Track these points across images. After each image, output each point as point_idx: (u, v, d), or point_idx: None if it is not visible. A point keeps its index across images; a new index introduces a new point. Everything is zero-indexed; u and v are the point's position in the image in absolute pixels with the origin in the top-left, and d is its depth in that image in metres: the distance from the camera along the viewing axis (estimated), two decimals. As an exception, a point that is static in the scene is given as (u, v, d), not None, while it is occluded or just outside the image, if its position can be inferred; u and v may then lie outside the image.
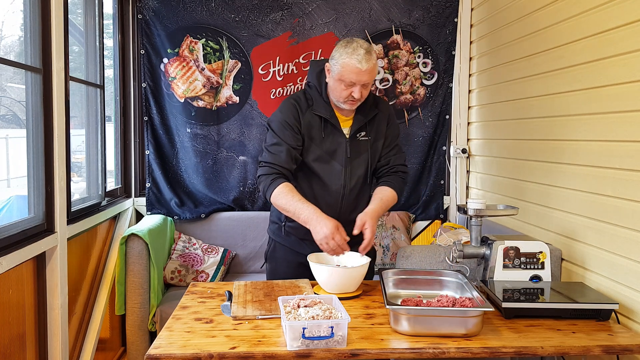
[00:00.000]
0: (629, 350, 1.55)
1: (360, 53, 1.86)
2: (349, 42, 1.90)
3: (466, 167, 3.48)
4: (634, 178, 1.85)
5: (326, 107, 2.02)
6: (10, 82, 2.33)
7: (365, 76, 1.88)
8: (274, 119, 2.03)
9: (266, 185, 1.95)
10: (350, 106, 1.97)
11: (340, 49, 1.90)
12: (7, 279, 1.87)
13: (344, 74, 1.88)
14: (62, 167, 2.20)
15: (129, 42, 3.28)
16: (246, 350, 1.46)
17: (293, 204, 1.88)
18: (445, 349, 1.49)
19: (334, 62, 1.91)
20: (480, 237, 2.08)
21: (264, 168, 1.99)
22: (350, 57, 1.86)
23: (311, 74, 2.08)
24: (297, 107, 2.02)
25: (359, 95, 1.91)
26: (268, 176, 1.96)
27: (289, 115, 2.00)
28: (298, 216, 1.88)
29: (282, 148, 1.97)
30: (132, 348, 2.83)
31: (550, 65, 2.40)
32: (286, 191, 1.91)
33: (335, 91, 1.95)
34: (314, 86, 2.06)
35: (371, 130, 2.06)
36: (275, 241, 2.19)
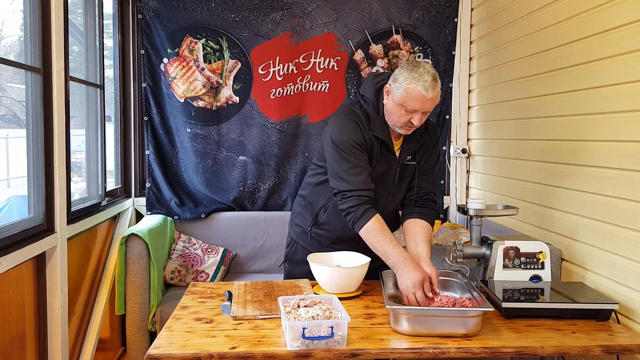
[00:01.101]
0: (629, 350, 1.55)
1: (427, 80, 1.76)
2: (415, 67, 1.79)
3: (466, 167, 3.48)
4: (634, 178, 1.85)
5: (383, 128, 1.92)
6: (10, 82, 2.33)
7: (429, 104, 1.79)
8: (340, 139, 1.89)
9: (357, 217, 1.83)
10: (406, 132, 1.89)
11: (406, 73, 1.80)
12: (7, 279, 1.87)
13: (407, 100, 1.79)
14: (62, 167, 2.20)
15: (129, 42, 3.28)
16: (246, 350, 1.46)
17: (384, 245, 1.80)
18: (445, 349, 1.49)
19: (397, 85, 1.81)
20: (480, 237, 2.08)
21: (352, 199, 1.85)
22: (416, 84, 1.76)
23: (368, 88, 1.95)
24: (359, 124, 1.90)
25: (419, 123, 1.83)
26: (359, 206, 1.83)
27: (357, 135, 1.88)
28: (387, 258, 1.80)
29: (360, 170, 1.86)
30: (132, 348, 2.83)
31: (550, 65, 2.40)
32: (378, 229, 1.81)
33: (393, 115, 1.86)
34: (370, 102, 1.94)
35: (418, 155, 2.00)
36: (298, 243, 2.16)
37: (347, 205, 1.85)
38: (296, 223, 2.18)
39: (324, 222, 2.06)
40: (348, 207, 1.85)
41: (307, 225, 2.11)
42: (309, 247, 2.12)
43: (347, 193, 1.86)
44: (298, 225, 2.16)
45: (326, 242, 2.09)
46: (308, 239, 2.12)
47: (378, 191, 1.95)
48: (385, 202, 2.01)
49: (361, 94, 2.00)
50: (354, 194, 1.85)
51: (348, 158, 1.87)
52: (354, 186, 1.85)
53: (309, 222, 2.10)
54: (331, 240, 2.08)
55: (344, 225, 1.95)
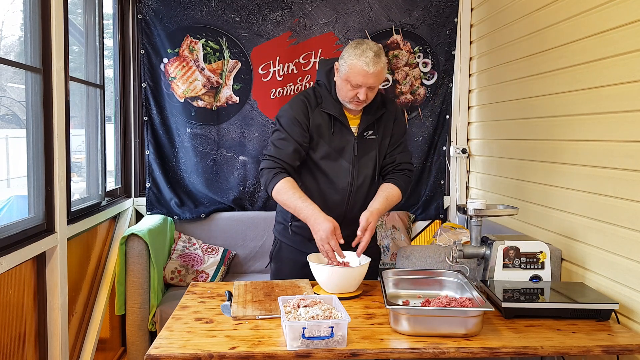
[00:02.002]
0: (629, 350, 1.55)
1: (369, 55, 1.86)
2: (359, 44, 1.90)
3: (466, 167, 3.48)
4: (634, 178, 1.85)
5: (335, 105, 2.01)
6: (10, 82, 2.33)
7: (372, 79, 1.88)
8: (283, 114, 2.02)
9: (268, 179, 1.95)
10: (355, 106, 1.98)
11: (350, 50, 1.91)
12: (7, 279, 1.87)
13: (350, 75, 1.88)
14: (62, 167, 2.20)
15: (129, 42, 3.28)
16: (246, 350, 1.46)
17: (294, 200, 1.88)
18: (445, 349, 1.49)
19: (342, 62, 1.92)
20: (480, 237, 2.08)
21: (267, 161, 1.98)
22: (358, 59, 1.86)
23: (320, 72, 2.08)
24: (306, 103, 2.01)
25: (364, 97, 1.91)
26: (271, 170, 1.95)
27: (299, 112, 1.99)
28: (298, 213, 1.89)
29: (289, 143, 1.97)
30: (132, 348, 2.83)
31: (550, 65, 2.40)
32: (288, 187, 1.91)
33: (341, 91, 1.96)
34: (323, 84, 2.06)
35: (378, 129, 2.06)
36: (281, 241, 2.18)
37: (263, 165, 1.98)
38: (278, 221, 2.21)
39: None
40: (263, 168, 1.98)
41: (287, 221, 2.13)
42: (291, 243, 2.14)
43: (268, 157, 1.98)
44: (279, 222, 2.20)
45: (308, 235, 2.04)
46: (290, 235, 2.13)
47: (340, 165, 2.02)
48: (352, 176, 2.03)
49: (316, 80, 2.12)
50: (272, 159, 1.96)
51: (281, 130, 1.99)
52: (275, 154, 1.96)
53: (288, 216, 2.11)
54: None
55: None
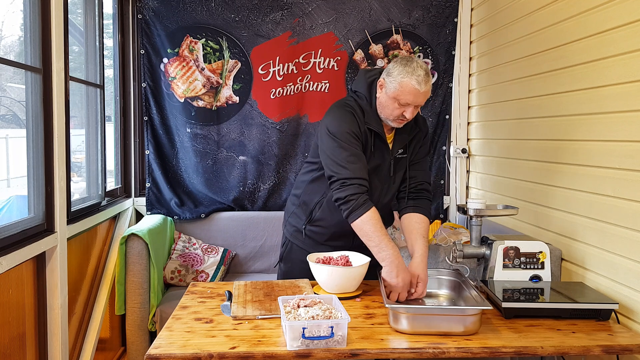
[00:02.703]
0: (629, 350, 1.55)
1: (421, 74, 1.81)
2: (409, 61, 1.84)
3: (466, 167, 3.48)
4: (634, 178, 1.85)
5: (377, 122, 1.95)
6: (10, 82, 2.33)
7: (422, 98, 1.84)
8: (338, 129, 1.90)
9: (356, 207, 1.82)
10: (398, 125, 1.93)
11: (399, 67, 1.84)
12: (7, 279, 1.87)
13: (400, 94, 1.83)
14: (62, 167, 2.20)
15: (129, 42, 3.28)
16: (246, 350, 1.46)
17: (380, 236, 1.80)
18: (445, 348, 1.49)
19: (391, 79, 1.85)
20: (480, 237, 2.08)
21: (353, 187, 1.83)
22: (410, 78, 1.81)
23: (361, 83, 1.99)
24: (355, 116, 1.92)
25: (411, 116, 1.87)
26: (360, 195, 1.83)
27: (353, 125, 1.90)
28: (380, 250, 1.80)
29: (357, 159, 1.87)
30: (132, 348, 2.83)
31: (551, 65, 2.40)
32: (376, 219, 1.82)
33: (386, 108, 1.89)
34: (363, 97, 1.97)
35: (409, 148, 2.03)
36: (292, 243, 2.16)
37: (346, 193, 1.84)
38: (290, 223, 2.18)
39: (319, 218, 2.06)
40: (348, 195, 1.83)
41: (301, 224, 2.11)
42: (303, 245, 2.13)
43: (347, 181, 1.84)
44: (292, 224, 2.17)
45: (321, 240, 2.10)
46: (303, 238, 2.12)
47: (373, 184, 1.96)
48: (380, 195, 2.02)
49: (353, 90, 2.04)
50: (355, 182, 1.84)
51: (346, 147, 1.87)
52: (353, 174, 1.84)
53: (303, 220, 2.10)
54: (326, 237, 2.08)
55: (339, 220, 1.96)
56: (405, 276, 1.76)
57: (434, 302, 1.87)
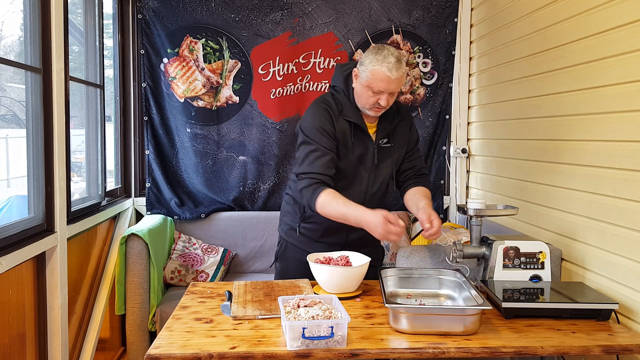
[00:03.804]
0: (629, 350, 1.55)
1: (391, 61, 1.84)
2: (380, 49, 1.88)
3: (466, 167, 3.48)
4: (634, 178, 1.85)
5: (355, 112, 1.99)
6: (10, 82, 2.33)
7: (394, 85, 1.87)
8: (307, 125, 1.97)
9: (309, 197, 1.89)
10: (375, 113, 1.96)
11: (371, 56, 1.88)
12: (7, 279, 1.87)
13: (372, 82, 1.86)
14: (62, 167, 2.20)
15: (129, 42, 3.28)
16: (246, 350, 1.46)
17: (341, 209, 1.84)
18: (445, 348, 1.49)
19: (364, 68, 1.89)
20: (480, 237, 2.08)
21: (305, 180, 1.92)
22: (380, 65, 1.84)
23: (337, 78, 2.04)
24: (329, 111, 1.97)
25: (386, 104, 1.90)
26: (309, 187, 1.90)
27: (324, 121, 1.95)
28: (347, 220, 1.84)
29: (321, 154, 1.92)
30: (132, 348, 2.83)
31: (550, 65, 2.40)
32: (330, 198, 1.86)
33: (361, 97, 1.93)
34: (341, 90, 2.02)
35: (393, 137, 2.06)
36: (287, 241, 2.18)
37: (300, 186, 1.92)
38: (284, 222, 2.21)
39: (312, 214, 2.06)
40: (302, 188, 1.91)
41: (295, 222, 2.14)
42: (298, 243, 2.15)
43: (303, 175, 1.92)
44: (286, 223, 2.19)
45: (315, 236, 2.11)
46: (297, 236, 2.14)
47: (359, 173, 2.02)
48: (367, 184, 2.05)
49: (332, 85, 2.08)
50: (310, 176, 1.90)
51: (311, 142, 1.93)
52: (310, 169, 1.91)
53: (297, 218, 2.13)
54: (320, 234, 2.10)
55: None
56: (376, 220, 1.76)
57: (434, 302, 1.87)
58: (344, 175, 2.01)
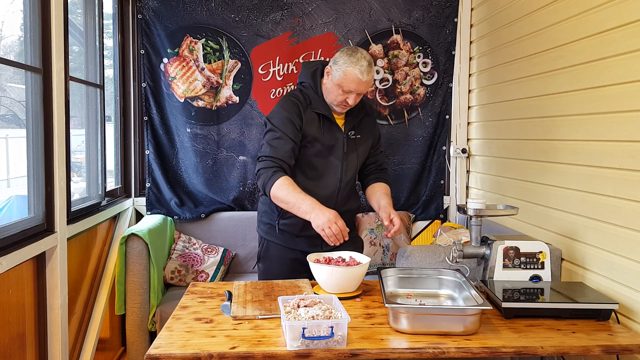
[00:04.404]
0: (629, 350, 1.55)
1: (364, 65, 1.96)
2: (353, 52, 1.98)
3: (466, 167, 3.48)
4: (634, 178, 1.85)
5: (324, 105, 2.09)
6: (10, 82, 2.33)
7: (363, 86, 1.99)
8: (274, 115, 2.07)
9: (266, 179, 1.96)
10: (341, 110, 2.08)
11: (345, 57, 1.98)
12: (7, 279, 1.87)
13: (344, 81, 1.97)
14: (62, 167, 2.20)
15: (129, 42, 3.28)
16: (246, 350, 1.46)
17: (294, 196, 1.90)
18: (445, 348, 1.49)
19: (337, 67, 1.99)
20: (480, 237, 2.08)
21: (264, 162, 2.00)
22: (353, 67, 1.95)
23: (305, 75, 2.15)
24: (298, 104, 2.07)
25: (353, 102, 2.03)
26: (268, 169, 1.97)
27: (291, 112, 2.04)
28: (298, 208, 1.90)
29: (285, 142, 2.01)
30: (132, 348, 2.83)
31: (550, 65, 2.40)
32: (287, 184, 1.93)
33: (331, 94, 2.04)
34: (309, 85, 2.12)
35: (360, 130, 2.17)
36: (268, 240, 2.22)
37: (259, 167, 1.99)
38: (263, 221, 2.24)
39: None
40: (260, 169, 1.99)
41: (274, 220, 2.18)
42: (279, 241, 2.19)
43: (265, 157, 1.99)
44: (265, 222, 2.23)
45: (295, 231, 2.15)
46: (277, 233, 2.18)
47: (331, 162, 2.10)
48: (341, 172, 2.12)
49: (299, 82, 2.18)
50: (271, 160, 1.98)
51: (276, 130, 2.02)
52: (273, 153, 1.99)
53: (275, 216, 2.17)
54: (299, 227, 2.12)
55: None
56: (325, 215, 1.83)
57: (434, 302, 1.87)
58: (317, 164, 2.10)
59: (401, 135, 3.45)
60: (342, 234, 1.84)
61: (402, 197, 3.49)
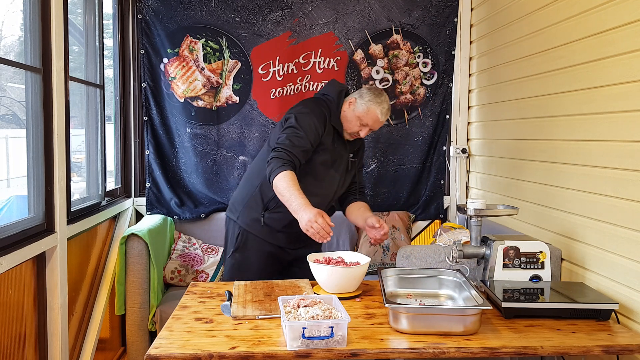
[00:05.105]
0: (629, 350, 1.55)
1: (385, 107, 2.17)
2: (380, 93, 2.19)
3: (466, 167, 3.48)
4: (634, 178, 1.85)
5: (339, 123, 2.23)
6: (10, 82, 2.33)
7: (378, 125, 2.20)
8: (303, 117, 2.14)
9: (275, 167, 2.01)
10: (350, 138, 2.25)
11: (372, 95, 2.17)
12: (7, 279, 1.87)
13: (365, 116, 2.16)
14: (62, 167, 2.20)
15: (129, 42, 3.28)
16: (246, 350, 1.46)
17: (290, 191, 1.95)
18: (445, 348, 1.49)
19: (362, 102, 2.17)
20: (480, 237, 2.08)
21: (280, 152, 2.05)
22: (377, 106, 2.15)
23: (332, 89, 2.28)
24: (325, 114, 2.18)
25: (364, 135, 2.22)
26: (279, 160, 2.03)
27: (320, 119, 2.15)
28: (290, 204, 1.94)
29: (304, 142, 2.09)
30: (132, 348, 2.83)
31: (550, 65, 2.40)
32: (289, 178, 1.98)
33: (349, 123, 2.20)
34: (333, 100, 2.24)
35: (356, 155, 2.34)
36: (249, 232, 2.25)
37: (271, 155, 2.06)
38: (244, 214, 2.27)
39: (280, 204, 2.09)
40: (272, 157, 2.05)
41: (259, 212, 2.22)
42: (260, 234, 2.24)
43: (281, 148, 2.05)
44: (247, 215, 2.26)
45: (279, 226, 2.22)
46: (261, 226, 2.22)
47: (332, 174, 2.22)
48: (337, 186, 2.26)
49: (323, 93, 2.30)
50: (286, 151, 2.05)
51: (299, 129, 2.10)
52: (289, 147, 2.05)
53: (260, 208, 2.22)
54: (284, 223, 2.19)
55: None
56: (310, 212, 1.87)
57: (434, 302, 1.87)
58: (320, 173, 2.19)
59: (401, 135, 3.45)
60: (325, 230, 1.85)
61: (402, 197, 3.49)
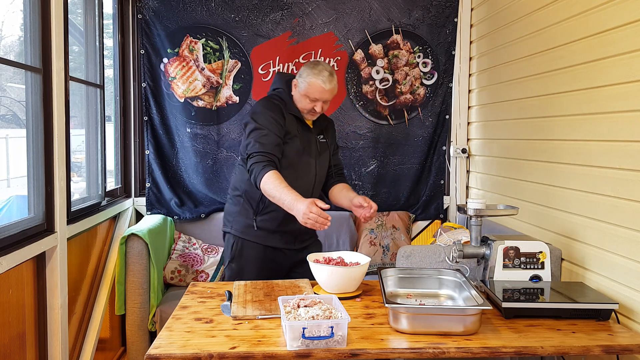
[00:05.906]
0: (629, 350, 1.55)
1: (325, 75, 2.16)
2: (315, 65, 2.19)
3: (466, 167, 3.48)
4: (634, 178, 1.85)
5: (297, 110, 2.25)
6: (10, 82, 2.33)
7: (327, 94, 2.18)
8: (258, 116, 2.16)
9: (257, 173, 2.03)
10: (311, 117, 2.26)
11: (308, 70, 2.19)
12: (7, 279, 1.87)
13: (309, 91, 2.17)
14: (62, 167, 2.20)
15: (129, 42, 3.28)
16: (246, 350, 1.46)
17: (278, 190, 1.96)
18: (445, 348, 1.49)
19: (302, 79, 2.19)
20: (480, 237, 2.08)
21: (255, 157, 2.07)
22: (316, 78, 2.16)
23: (280, 82, 2.31)
24: (279, 105, 2.20)
25: (320, 110, 2.21)
26: (259, 164, 2.05)
27: (276, 112, 2.17)
28: (282, 203, 1.95)
29: (271, 137, 2.11)
30: (132, 348, 2.83)
31: (550, 65, 2.40)
32: (273, 178, 2.00)
33: (300, 103, 2.22)
34: (283, 91, 2.27)
35: (326, 136, 2.37)
36: (244, 240, 2.25)
37: (251, 162, 2.08)
38: (237, 222, 2.27)
39: (268, 205, 2.16)
40: (252, 164, 2.07)
41: (250, 218, 2.23)
42: (255, 239, 2.24)
43: (255, 153, 2.08)
44: (240, 222, 2.26)
45: (273, 227, 2.23)
46: (254, 231, 2.23)
47: (306, 160, 2.24)
48: (315, 170, 2.27)
49: (273, 89, 2.34)
50: (261, 154, 2.07)
51: (261, 127, 2.12)
52: (262, 148, 2.08)
53: (251, 213, 2.23)
54: (278, 222, 2.21)
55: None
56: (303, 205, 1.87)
57: (434, 302, 1.87)
58: (295, 161, 2.20)
59: (401, 135, 3.45)
60: (322, 216, 1.85)
61: (402, 197, 3.49)
